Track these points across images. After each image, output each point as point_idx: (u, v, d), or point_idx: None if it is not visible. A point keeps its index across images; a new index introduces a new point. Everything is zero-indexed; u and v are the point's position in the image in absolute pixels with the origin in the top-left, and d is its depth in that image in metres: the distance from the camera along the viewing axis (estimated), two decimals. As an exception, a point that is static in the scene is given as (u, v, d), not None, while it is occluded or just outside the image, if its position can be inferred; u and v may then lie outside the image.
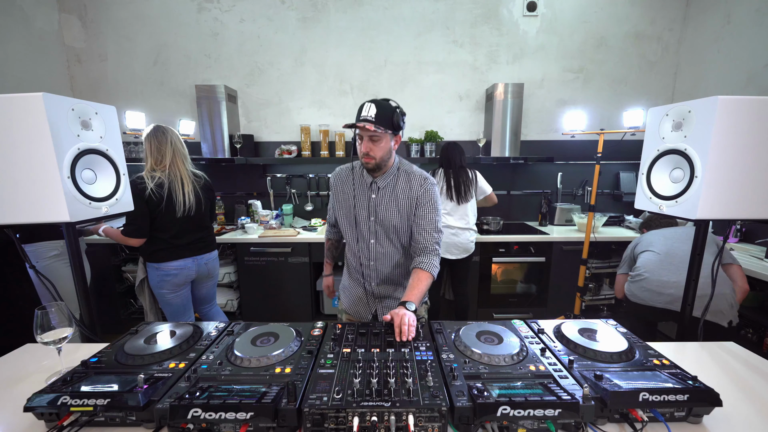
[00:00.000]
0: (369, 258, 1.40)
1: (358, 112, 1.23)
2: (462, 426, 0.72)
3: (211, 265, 2.07)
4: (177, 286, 1.94)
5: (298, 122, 3.17)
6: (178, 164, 1.84)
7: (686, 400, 0.73)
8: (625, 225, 3.10)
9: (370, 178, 1.35)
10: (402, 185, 1.35)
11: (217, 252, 2.12)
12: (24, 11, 2.75)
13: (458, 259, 2.52)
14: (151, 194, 1.75)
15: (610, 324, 1.09)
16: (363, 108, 1.22)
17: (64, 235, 1.18)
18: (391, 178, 1.35)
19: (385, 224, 1.35)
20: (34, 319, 0.88)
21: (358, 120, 1.21)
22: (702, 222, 1.19)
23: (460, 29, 3.07)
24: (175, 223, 1.85)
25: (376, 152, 1.25)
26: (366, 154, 1.25)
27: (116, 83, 3.14)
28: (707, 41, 2.86)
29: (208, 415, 0.68)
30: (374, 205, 1.35)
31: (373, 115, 1.19)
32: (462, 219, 2.47)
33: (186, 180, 1.85)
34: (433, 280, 1.30)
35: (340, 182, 1.42)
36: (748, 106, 1.03)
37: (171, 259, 1.88)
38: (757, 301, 2.05)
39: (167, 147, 1.81)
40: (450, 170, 2.46)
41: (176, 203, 1.81)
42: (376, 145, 1.24)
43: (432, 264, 1.30)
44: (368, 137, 1.23)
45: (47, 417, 0.75)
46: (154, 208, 1.79)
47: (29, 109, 0.99)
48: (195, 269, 1.97)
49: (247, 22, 3.04)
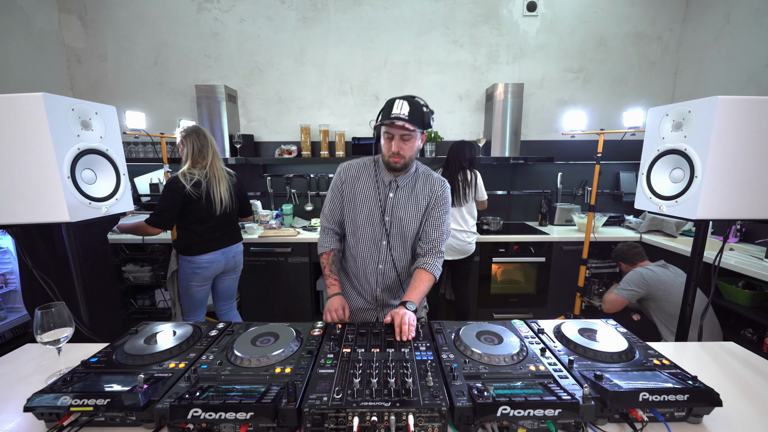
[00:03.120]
0: (378, 261, 1.34)
1: (387, 109, 1.16)
2: (462, 426, 0.72)
3: (237, 257, 2.16)
4: (205, 279, 2.05)
5: (298, 122, 3.17)
6: (216, 164, 1.95)
7: (686, 400, 0.73)
8: (625, 225, 3.10)
9: (389, 176, 1.29)
10: (421, 186, 1.32)
11: (241, 244, 2.19)
12: (24, 11, 2.75)
13: (459, 259, 2.52)
14: (191, 193, 1.85)
15: (610, 324, 1.09)
16: (394, 105, 1.15)
17: (64, 235, 1.18)
18: (410, 178, 1.32)
19: (400, 224, 1.30)
20: (34, 319, 0.88)
21: (389, 117, 1.14)
22: (702, 222, 1.19)
23: (460, 29, 3.07)
24: (213, 219, 1.96)
25: (406, 151, 1.20)
26: (396, 153, 1.19)
27: (116, 83, 3.14)
28: (707, 41, 2.86)
29: (208, 415, 0.68)
30: (391, 204, 1.30)
31: (407, 113, 1.13)
32: (459, 221, 2.46)
33: (223, 179, 1.96)
34: (435, 282, 1.29)
35: (352, 178, 1.33)
36: (748, 106, 1.03)
37: (203, 253, 1.99)
38: (757, 301, 2.05)
39: (208, 148, 1.93)
40: (447, 171, 2.46)
41: (215, 201, 1.93)
42: (407, 144, 1.19)
43: (435, 266, 1.28)
44: (399, 136, 1.17)
45: (47, 417, 0.75)
46: (195, 206, 1.89)
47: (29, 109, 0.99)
48: (224, 262, 2.07)
49: (247, 22, 3.04)
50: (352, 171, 1.33)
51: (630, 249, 2.20)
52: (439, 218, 1.32)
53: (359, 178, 1.32)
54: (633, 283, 1.97)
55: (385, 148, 1.22)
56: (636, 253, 2.18)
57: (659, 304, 1.91)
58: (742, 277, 2.09)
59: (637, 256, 2.17)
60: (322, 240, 1.40)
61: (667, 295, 1.88)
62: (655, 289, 1.91)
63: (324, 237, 1.40)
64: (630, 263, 2.17)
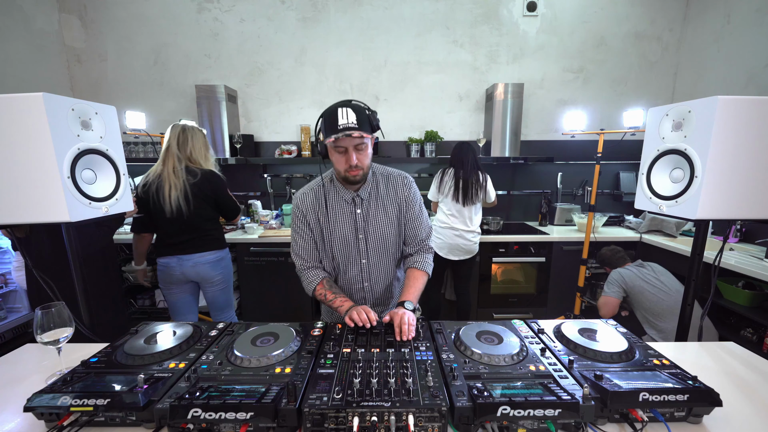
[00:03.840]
0: (362, 280, 1.27)
1: (330, 120, 1.05)
2: (462, 426, 0.72)
3: (200, 268, 1.96)
4: (167, 284, 1.99)
5: (298, 122, 3.17)
6: (171, 167, 1.84)
7: (686, 400, 0.73)
8: (625, 225, 3.10)
9: (350, 193, 1.20)
10: (384, 190, 1.24)
11: (211, 255, 1.98)
12: (24, 11, 2.75)
13: (463, 259, 2.51)
14: (139, 195, 1.86)
15: (610, 324, 1.09)
16: (338, 115, 1.04)
17: (64, 235, 1.18)
18: (371, 187, 1.23)
19: (377, 238, 1.24)
20: (34, 319, 0.88)
21: (337, 129, 1.03)
22: (702, 222, 1.19)
23: (460, 29, 3.07)
24: (166, 223, 1.89)
25: (363, 161, 1.11)
26: (354, 167, 1.10)
27: (116, 83, 3.14)
28: (707, 41, 2.86)
29: (208, 415, 0.68)
30: (361, 220, 1.22)
31: (354, 120, 1.04)
32: (467, 222, 2.46)
33: (176, 183, 1.83)
34: (428, 278, 1.27)
35: (311, 207, 1.22)
36: (748, 106, 1.03)
37: (159, 256, 1.97)
38: (757, 301, 2.05)
39: (168, 151, 1.86)
40: (461, 171, 2.42)
41: (165, 204, 1.83)
42: (363, 153, 1.10)
43: (426, 262, 1.27)
44: (353, 147, 1.08)
45: (47, 417, 0.75)
46: (147, 208, 1.87)
47: (29, 109, 0.99)
48: (180, 269, 1.94)
49: (247, 22, 3.04)
50: (309, 199, 1.23)
51: (614, 254, 2.30)
52: (419, 216, 1.27)
53: (318, 204, 1.22)
54: (614, 283, 2.09)
55: (340, 164, 1.12)
56: (619, 258, 2.26)
57: (638, 299, 2.02)
58: (742, 277, 2.09)
59: (621, 260, 2.25)
60: (307, 277, 1.25)
61: (642, 291, 2.00)
62: (632, 286, 2.03)
63: (306, 273, 1.25)
64: (614, 267, 2.25)
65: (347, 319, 1.06)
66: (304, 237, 1.24)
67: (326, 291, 1.22)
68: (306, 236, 1.24)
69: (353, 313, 1.05)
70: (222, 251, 2.05)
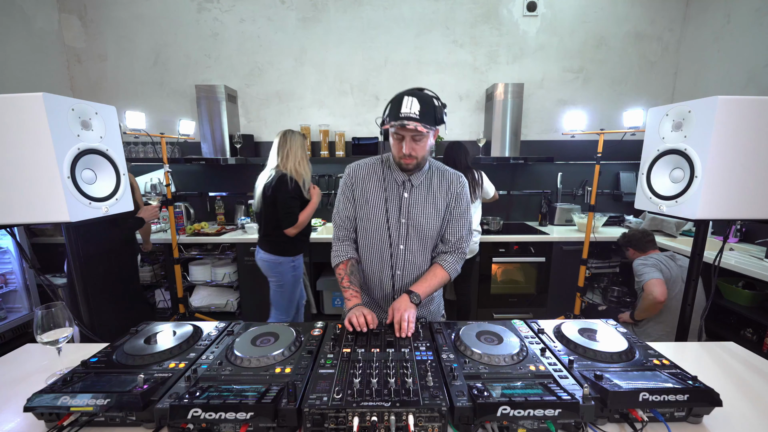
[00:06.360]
0: (396, 267, 1.23)
1: (395, 106, 1.06)
2: (462, 426, 0.72)
3: (261, 264, 2.20)
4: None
5: (298, 122, 3.17)
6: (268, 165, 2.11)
7: (686, 400, 0.73)
8: (625, 225, 3.10)
9: (402, 176, 1.20)
10: (437, 184, 1.22)
11: (266, 255, 2.13)
12: (24, 11, 2.75)
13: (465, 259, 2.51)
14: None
15: (610, 324, 1.09)
16: (403, 102, 1.04)
17: (64, 235, 1.19)
18: (425, 176, 1.22)
19: (418, 226, 1.21)
20: (34, 319, 0.88)
21: (398, 117, 1.04)
22: (702, 222, 1.19)
23: (460, 29, 3.07)
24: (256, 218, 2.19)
25: (419, 152, 1.11)
26: (408, 155, 1.10)
27: (116, 83, 3.14)
28: (707, 41, 2.86)
29: (208, 415, 0.68)
30: (407, 204, 1.20)
31: (417, 111, 1.03)
32: None
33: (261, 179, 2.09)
34: (449, 280, 1.24)
35: (361, 179, 1.23)
36: (748, 106, 1.03)
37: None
38: (757, 301, 2.05)
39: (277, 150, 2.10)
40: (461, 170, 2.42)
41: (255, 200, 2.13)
42: (419, 144, 1.10)
43: (455, 267, 1.23)
44: (410, 137, 1.08)
45: (47, 417, 0.75)
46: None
47: (29, 109, 0.99)
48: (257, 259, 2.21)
49: (247, 22, 3.04)
50: (362, 171, 1.24)
51: (644, 236, 2.09)
52: (461, 217, 1.24)
53: (370, 179, 1.23)
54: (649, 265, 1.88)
55: (395, 149, 1.13)
56: (649, 241, 2.08)
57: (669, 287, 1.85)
58: (742, 277, 2.09)
59: (650, 244, 2.08)
60: (338, 249, 1.26)
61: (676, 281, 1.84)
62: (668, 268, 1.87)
63: (339, 245, 1.27)
64: (640, 251, 2.09)
65: (346, 323, 1.06)
66: (347, 206, 1.26)
67: (346, 274, 1.22)
68: (348, 206, 1.25)
69: (352, 317, 1.06)
70: (280, 257, 2.13)
